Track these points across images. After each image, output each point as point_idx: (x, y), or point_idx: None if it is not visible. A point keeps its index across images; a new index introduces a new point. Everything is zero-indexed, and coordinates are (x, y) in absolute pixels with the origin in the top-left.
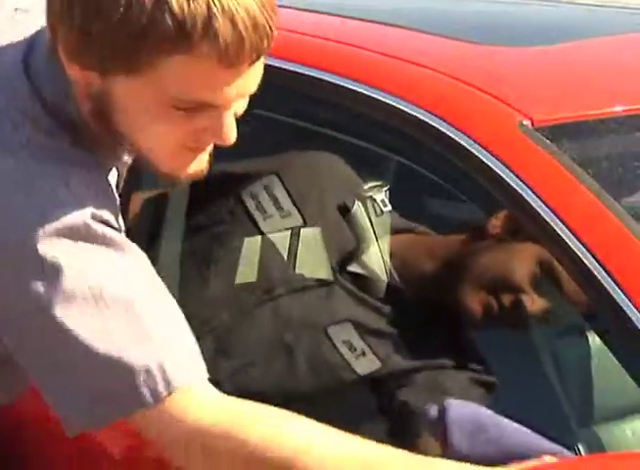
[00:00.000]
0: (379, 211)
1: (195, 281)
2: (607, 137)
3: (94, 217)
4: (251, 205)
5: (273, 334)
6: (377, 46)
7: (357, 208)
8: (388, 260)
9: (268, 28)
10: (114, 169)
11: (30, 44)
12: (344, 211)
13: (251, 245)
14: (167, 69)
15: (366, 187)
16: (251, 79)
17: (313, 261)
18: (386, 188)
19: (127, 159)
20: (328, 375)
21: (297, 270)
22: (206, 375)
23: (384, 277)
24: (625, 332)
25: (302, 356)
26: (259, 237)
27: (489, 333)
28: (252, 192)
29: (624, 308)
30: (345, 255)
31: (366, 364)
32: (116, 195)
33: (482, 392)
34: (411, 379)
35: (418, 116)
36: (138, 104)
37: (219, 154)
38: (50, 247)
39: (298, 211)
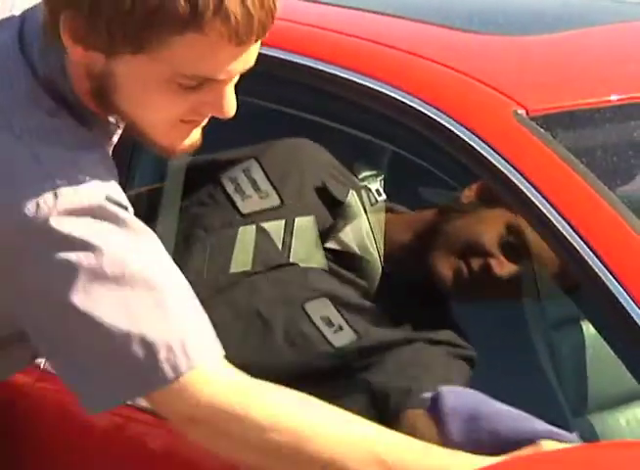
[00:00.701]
0: (373, 200)
1: (179, 260)
2: (601, 126)
3: (108, 198)
4: (229, 187)
5: (250, 310)
6: (371, 35)
7: (352, 197)
8: (382, 247)
9: (272, 4)
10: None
11: (23, 21)
12: (322, 191)
13: (246, 234)
14: (177, 47)
15: (360, 176)
16: (253, 54)
17: (307, 250)
18: (380, 177)
19: (114, 139)
20: (305, 349)
21: (292, 259)
22: (222, 353)
23: (360, 253)
24: (622, 323)
25: (280, 332)
26: (253, 226)
27: (482, 321)
28: (232, 176)
29: (619, 298)
30: (323, 232)
31: (343, 338)
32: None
33: (463, 365)
34: (390, 354)
35: (413, 105)
36: (142, 82)
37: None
38: (67, 225)
39: (276, 191)
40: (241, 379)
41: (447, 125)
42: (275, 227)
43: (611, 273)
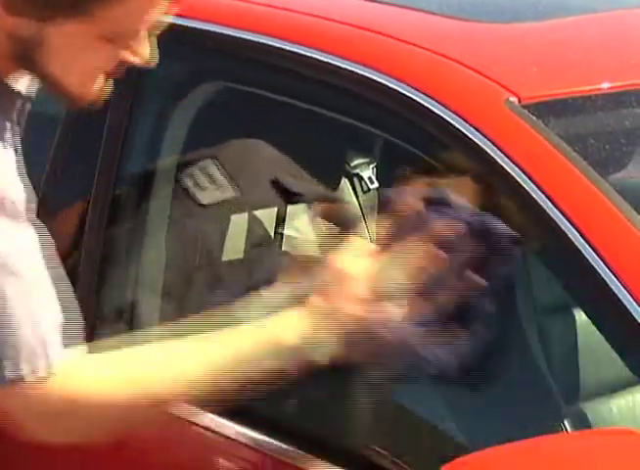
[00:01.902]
0: (365, 188)
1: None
2: (594, 114)
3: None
4: (189, 182)
5: (210, 297)
6: (362, 22)
7: (344, 184)
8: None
9: None
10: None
11: None
12: (276, 184)
13: (239, 221)
14: (116, 9)
15: (353, 164)
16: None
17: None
18: (372, 165)
19: (27, 106)
20: None
21: (284, 247)
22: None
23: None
24: (613, 310)
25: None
26: (245, 213)
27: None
28: (190, 173)
29: (611, 286)
30: (279, 221)
31: None
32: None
33: None
34: None
35: (405, 92)
36: (74, 42)
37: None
38: None
39: (233, 184)
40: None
41: (439, 113)
42: (267, 214)
43: (603, 261)
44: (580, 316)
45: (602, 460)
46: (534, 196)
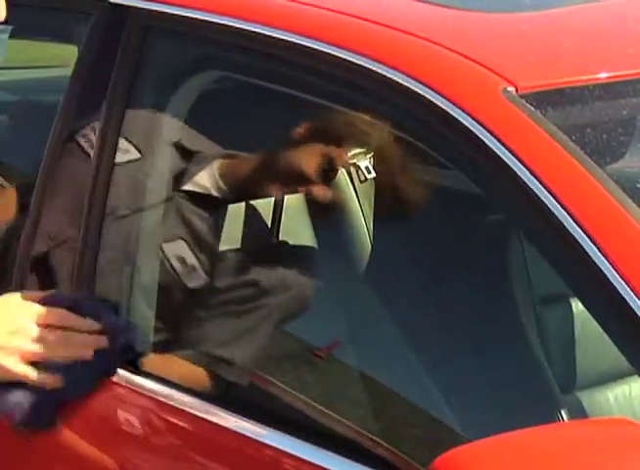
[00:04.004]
0: (363, 177)
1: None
2: (591, 104)
3: None
4: (85, 144)
5: (116, 248)
6: (362, 12)
7: (341, 174)
8: (371, 223)
9: None
10: None
11: None
12: (176, 144)
13: (235, 211)
14: None
15: (350, 154)
16: None
17: (297, 226)
18: (369, 155)
19: None
20: (162, 286)
21: (282, 236)
22: None
23: (215, 193)
24: (610, 300)
25: (141, 269)
26: (242, 204)
27: (468, 296)
28: (84, 133)
29: (609, 277)
30: (180, 176)
31: (195, 279)
32: None
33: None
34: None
35: (401, 82)
36: None
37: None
38: None
39: (134, 146)
40: None
41: (436, 102)
42: (265, 205)
43: (600, 251)
44: (578, 306)
45: (597, 449)
46: (532, 186)
